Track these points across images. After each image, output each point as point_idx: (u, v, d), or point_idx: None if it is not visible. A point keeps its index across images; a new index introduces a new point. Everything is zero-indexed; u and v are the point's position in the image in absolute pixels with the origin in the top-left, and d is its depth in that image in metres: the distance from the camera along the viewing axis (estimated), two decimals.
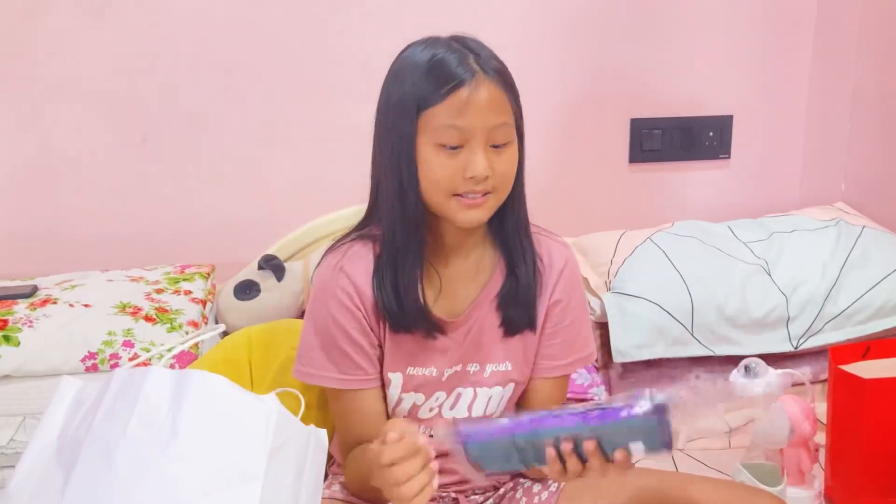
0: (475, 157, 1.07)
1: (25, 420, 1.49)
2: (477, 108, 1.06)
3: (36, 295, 1.63)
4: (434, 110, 1.07)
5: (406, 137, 1.08)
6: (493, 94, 1.08)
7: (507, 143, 1.10)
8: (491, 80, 1.08)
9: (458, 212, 1.09)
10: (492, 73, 1.09)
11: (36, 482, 0.84)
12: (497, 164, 1.08)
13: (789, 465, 1.40)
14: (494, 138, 1.08)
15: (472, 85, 1.06)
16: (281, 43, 1.86)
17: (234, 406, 0.85)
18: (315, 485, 0.92)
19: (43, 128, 1.83)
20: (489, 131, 1.07)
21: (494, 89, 1.08)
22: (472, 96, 1.06)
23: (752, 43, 2.05)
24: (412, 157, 1.09)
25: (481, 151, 1.07)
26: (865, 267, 1.68)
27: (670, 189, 2.10)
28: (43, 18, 1.77)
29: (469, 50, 1.10)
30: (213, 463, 0.82)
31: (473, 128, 1.06)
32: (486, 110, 1.07)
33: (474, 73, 1.07)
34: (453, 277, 1.17)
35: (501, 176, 1.09)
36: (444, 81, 1.06)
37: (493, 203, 1.11)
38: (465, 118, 1.06)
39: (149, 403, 0.83)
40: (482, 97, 1.07)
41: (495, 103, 1.08)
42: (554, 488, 1.21)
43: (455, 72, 1.07)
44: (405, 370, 1.17)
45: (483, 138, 1.07)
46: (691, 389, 0.94)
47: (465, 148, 1.07)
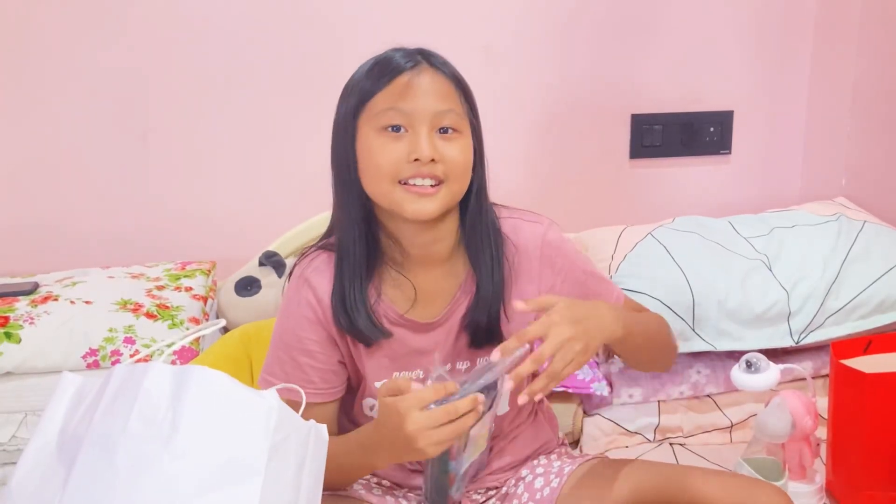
0: (419, 139, 1.05)
1: (27, 417, 1.50)
2: (419, 92, 1.06)
3: (37, 292, 1.63)
4: (376, 98, 1.07)
5: (349, 132, 1.09)
6: (437, 81, 1.07)
7: (456, 130, 1.08)
8: (436, 70, 1.08)
9: (405, 202, 1.07)
10: (438, 64, 1.09)
11: (37, 479, 0.84)
12: (446, 150, 1.07)
13: (791, 459, 1.40)
14: (440, 122, 1.07)
15: (415, 71, 1.07)
16: (281, 40, 1.86)
17: (234, 402, 0.85)
18: (316, 479, 0.92)
19: (43, 125, 1.83)
20: (433, 116, 1.06)
21: (439, 77, 1.08)
22: (413, 81, 1.06)
23: (753, 38, 2.05)
24: (353, 151, 1.08)
25: (426, 134, 1.06)
26: (866, 262, 1.68)
27: (671, 184, 2.10)
28: (43, 16, 1.77)
29: (419, 52, 1.10)
30: (214, 458, 0.82)
31: (416, 110, 1.06)
32: (429, 94, 1.06)
33: (417, 63, 1.07)
34: (428, 283, 1.15)
35: (451, 163, 1.07)
36: (387, 71, 1.07)
37: (445, 195, 1.08)
38: (406, 101, 1.06)
39: (149, 399, 0.83)
40: (425, 82, 1.07)
41: (439, 89, 1.07)
42: (556, 484, 1.21)
43: (397, 62, 1.07)
44: (391, 376, 1.16)
45: (427, 122, 1.06)
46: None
47: (409, 132, 1.06)
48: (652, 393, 1.65)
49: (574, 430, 1.62)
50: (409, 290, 1.15)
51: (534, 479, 1.23)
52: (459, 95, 1.09)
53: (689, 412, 1.66)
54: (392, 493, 1.22)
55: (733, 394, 1.65)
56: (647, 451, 1.61)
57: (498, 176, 1.22)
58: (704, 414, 1.66)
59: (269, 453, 0.84)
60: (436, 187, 1.07)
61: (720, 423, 1.66)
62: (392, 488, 1.24)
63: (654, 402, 1.65)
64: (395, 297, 1.15)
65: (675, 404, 1.66)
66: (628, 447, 1.62)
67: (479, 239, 1.14)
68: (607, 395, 1.61)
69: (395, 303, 1.15)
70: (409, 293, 1.15)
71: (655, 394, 1.65)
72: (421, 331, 1.15)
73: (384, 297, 1.14)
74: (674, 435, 1.65)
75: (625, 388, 1.64)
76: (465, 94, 1.10)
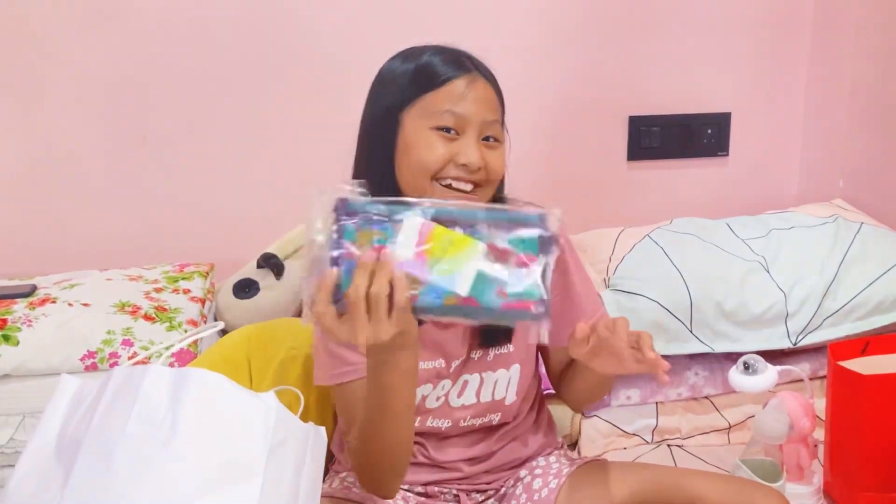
0: (470, 146, 1.10)
1: (25, 419, 1.49)
2: (474, 100, 1.11)
3: (35, 294, 1.63)
4: (432, 96, 1.10)
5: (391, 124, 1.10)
6: (487, 92, 1.13)
7: (497, 140, 1.14)
8: (485, 79, 1.13)
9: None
10: (485, 73, 1.14)
11: (35, 481, 0.84)
12: (489, 158, 1.12)
13: (788, 461, 1.41)
14: (487, 132, 1.12)
15: (470, 78, 1.12)
16: (279, 42, 1.86)
17: (233, 403, 0.85)
18: (314, 481, 0.92)
19: (42, 127, 1.83)
20: (482, 125, 1.11)
21: (488, 88, 1.13)
22: (469, 87, 1.11)
23: (751, 40, 2.05)
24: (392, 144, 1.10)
25: (475, 142, 1.11)
26: (864, 263, 1.68)
27: (669, 186, 2.10)
28: (41, 19, 1.77)
29: (468, 56, 1.15)
30: (213, 460, 0.82)
31: (470, 117, 1.10)
32: (481, 103, 1.11)
33: (471, 69, 1.13)
34: None
35: (493, 171, 1.13)
36: (441, 71, 1.11)
37: (480, 199, 1.13)
38: (462, 106, 1.10)
39: (148, 401, 0.83)
40: (479, 90, 1.12)
41: (489, 100, 1.13)
42: (554, 485, 1.21)
43: (450, 64, 1.12)
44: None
45: (477, 130, 1.11)
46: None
47: (459, 136, 1.10)
48: (650, 394, 1.65)
49: (572, 431, 1.62)
50: None
51: (532, 480, 1.23)
52: (500, 106, 1.16)
53: (687, 413, 1.66)
54: None
55: (731, 395, 1.66)
56: (645, 452, 1.61)
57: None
58: (702, 415, 1.66)
59: (268, 455, 0.84)
60: (475, 190, 1.12)
61: (718, 424, 1.66)
62: None
63: (651, 403, 1.66)
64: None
65: (673, 406, 1.66)
66: (626, 449, 1.62)
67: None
68: (605, 398, 1.62)
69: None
70: None
71: (653, 395, 1.65)
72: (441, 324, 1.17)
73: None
74: (672, 436, 1.65)
75: (623, 390, 1.64)
76: (502, 104, 1.17)
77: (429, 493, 1.25)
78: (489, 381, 1.21)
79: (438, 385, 1.20)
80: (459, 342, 1.19)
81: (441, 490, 1.25)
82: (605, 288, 1.65)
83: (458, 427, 1.22)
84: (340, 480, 1.25)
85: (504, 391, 1.22)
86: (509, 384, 1.22)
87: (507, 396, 1.22)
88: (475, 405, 1.21)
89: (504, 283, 0.90)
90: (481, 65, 1.15)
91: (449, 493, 1.25)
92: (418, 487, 1.25)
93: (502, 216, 0.92)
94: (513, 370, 1.22)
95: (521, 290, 0.90)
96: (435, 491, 1.25)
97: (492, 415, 1.23)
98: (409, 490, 1.25)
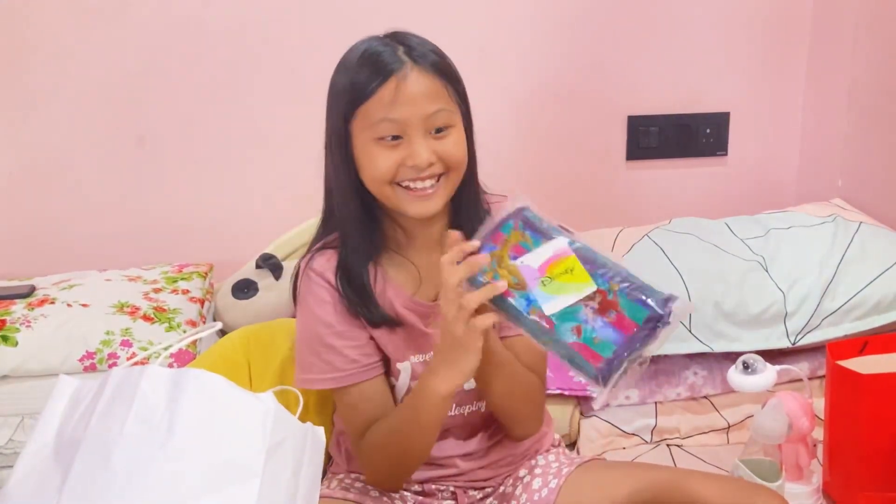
0: (415, 147, 1.08)
1: (24, 420, 1.49)
2: (408, 98, 1.07)
3: (34, 295, 1.63)
4: (366, 106, 1.08)
5: (343, 136, 1.10)
6: (424, 82, 1.08)
7: (449, 126, 1.10)
8: (421, 69, 1.08)
9: (406, 203, 1.11)
10: (421, 61, 1.08)
11: (34, 482, 0.84)
12: (441, 148, 1.09)
13: (787, 460, 1.40)
14: (433, 124, 1.08)
15: (401, 75, 1.07)
16: (276, 42, 1.86)
17: (231, 404, 0.85)
18: (313, 482, 0.92)
19: (39, 128, 1.83)
20: (424, 119, 1.08)
21: (425, 77, 1.08)
22: (401, 86, 1.07)
23: (749, 40, 2.05)
24: (350, 155, 1.10)
25: (421, 140, 1.08)
26: (862, 263, 1.68)
27: (667, 186, 2.10)
28: (38, 18, 1.77)
29: (399, 42, 1.10)
30: (211, 460, 0.82)
31: (408, 118, 1.07)
32: (417, 98, 1.07)
33: (402, 64, 1.07)
34: (431, 266, 1.17)
35: (449, 159, 1.10)
36: (373, 76, 1.07)
37: (445, 189, 1.11)
38: (397, 109, 1.07)
39: (146, 402, 0.83)
40: (412, 87, 1.07)
41: (426, 91, 1.08)
42: (554, 485, 1.21)
43: (382, 64, 1.08)
44: (410, 359, 1.19)
45: (420, 127, 1.08)
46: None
47: (403, 139, 1.08)
48: (649, 394, 1.65)
49: (571, 431, 1.62)
50: (412, 271, 1.18)
51: (532, 480, 1.23)
52: (445, 87, 1.10)
53: (686, 413, 1.66)
54: (388, 494, 1.23)
55: (730, 395, 1.66)
56: (644, 452, 1.61)
57: (493, 177, 1.23)
58: (701, 415, 1.66)
59: (267, 456, 0.84)
60: (435, 186, 1.10)
61: (717, 424, 1.66)
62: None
63: (651, 403, 1.66)
64: (402, 281, 1.18)
65: (672, 405, 1.66)
66: (625, 448, 1.62)
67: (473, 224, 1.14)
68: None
69: (404, 286, 1.18)
70: (414, 274, 1.18)
71: (652, 395, 1.65)
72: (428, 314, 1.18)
73: (392, 282, 1.17)
74: (671, 436, 1.65)
75: (621, 390, 1.64)
76: (449, 79, 1.11)
77: (426, 490, 1.25)
78: None
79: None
80: None
81: (438, 487, 1.25)
82: None
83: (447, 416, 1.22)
84: (338, 482, 1.25)
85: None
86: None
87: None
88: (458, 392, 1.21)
89: (587, 327, 0.93)
90: (413, 49, 1.09)
91: (446, 490, 1.25)
92: (415, 486, 1.25)
93: (635, 280, 0.96)
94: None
95: (598, 341, 0.93)
96: (432, 489, 1.25)
97: (479, 402, 1.23)
98: (407, 489, 1.25)
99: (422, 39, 1.12)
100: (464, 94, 1.13)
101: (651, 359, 1.63)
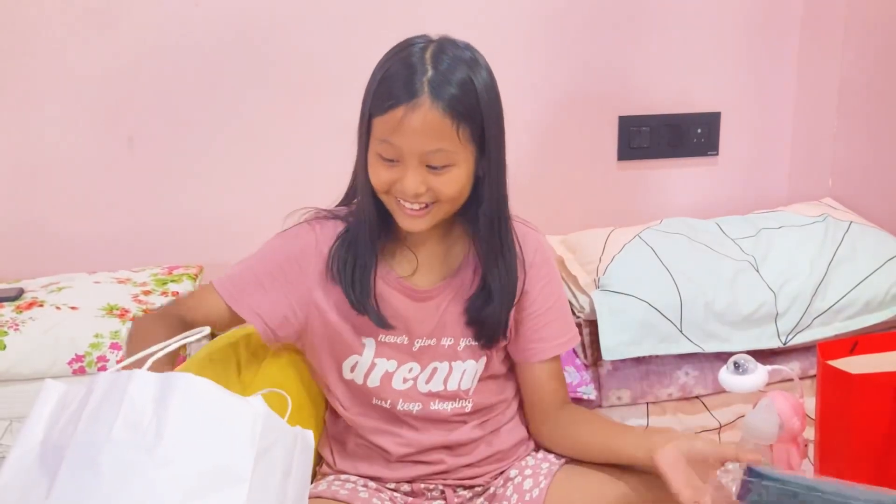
0: (406, 177, 1.10)
1: (11, 424, 1.49)
2: (409, 131, 1.07)
3: (22, 298, 1.62)
4: (377, 121, 1.10)
5: (361, 139, 1.14)
6: (430, 120, 1.06)
7: (447, 165, 1.10)
8: (433, 105, 1.06)
9: (398, 215, 1.15)
10: (437, 97, 1.06)
11: (19, 488, 0.83)
12: (434, 183, 1.11)
13: (779, 460, 1.40)
14: (429, 161, 1.09)
15: (410, 106, 1.06)
16: (269, 44, 1.86)
17: (220, 409, 0.85)
18: (302, 485, 0.92)
19: (29, 129, 1.82)
20: (420, 155, 1.09)
21: (433, 115, 1.06)
22: (406, 118, 1.06)
23: (740, 40, 2.06)
24: (364, 158, 1.14)
25: (412, 171, 1.09)
26: (853, 262, 1.69)
27: (658, 186, 2.10)
28: (29, 20, 1.76)
29: (429, 66, 1.08)
30: (200, 465, 0.81)
31: (404, 147, 1.08)
32: (418, 134, 1.07)
33: (415, 95, 1.06)
34: (429, 256, 1.23)
35: (440, 193, 1.11)
36: (387, 96, 1.08)
37: (436, 213, 1.14)
38: (397, 137, 1.08)
39: (134, 406, 0.82)
40: (416, 121, 1.06)
41: (430, 129, 1.07)
42: (544, 485, 1.21)
43: (399, 89, 1.07)
44: (377, 336, 1.21)
45: (415, 159, 1.09)
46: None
47: (400, 163, 1.10)
48: (640, 395, 1.65)
49: None
50: (411, 257, 1.22)
51: (522, 480, 1.24)
52: (455, 127, 1.08)
53: (677, 413, 1.66)
54: (378, 496, 1.22)
55: (721, 395, 1.66)
56: None
57: None
58: (693, 415, 1.66)
59: (255, 460, 0.83)
60: (425, 210, 1.13)
61: (708, 424, 1.66)
62: (378, 490, 1.24)
63: (642, 403, 1.66)
64: (395, 264, 1.22)
65: (664, 406, 1.66)
66: None
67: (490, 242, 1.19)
68: (595, 399, 1.62)
69: (396, 269, 1.22)
70: (412, 260, 1.22)
71: (644, 396, 1.65)
72: (414, 298, 1.21)
73: (385, 265, 1.21)
74: None
75: (613, 391, 1.64)
76: (466, 119, 1.08)
77: (415, 490, 1.25)
78: (457, 371, 1.24)
79: (404, 366, 1.22)
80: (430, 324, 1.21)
81: (427, 486, 1.25)
82: (594, 288, 1.65)
83: (429, 410, 1.23)
84: (328, 483, 1.25)
85: (470, 381, 1.25)
86: (476, 375, 1.25)
87: (473, 387, 1.25)
88: (442, 392, 1.24)
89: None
90: (440, 80, 1.06)
91: (435, 489, 1.25)
92: (405, 486, 1.25)
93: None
94: (480, 362, 1.24)
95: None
96: (421, 488, 1.25)
97: (463, 401, 1.25)
98: (396, 490, 1.25)
99: (455, 64, 1.08)
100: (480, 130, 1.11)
101: (642, 359, 1.65)
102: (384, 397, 1.23)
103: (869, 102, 1.90)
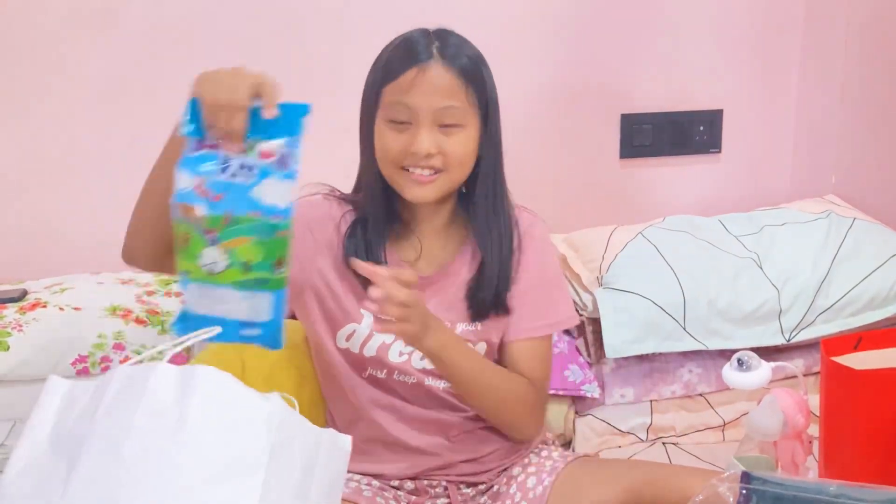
0: (419, 135, 1.13)
1: (16, 425, 1.49)
2: (423, 88, 1.13)
3: (25, 299, 1.62)
4: (389, 87, 1.15)
5: (369, 114, 1.17)
6: (444, 77, 1.14)
7: (457, 125, 1.15)
8: (445, 65, 1.14)
9: (405, 186, 1.17)
10: (449, 58, 1.15)
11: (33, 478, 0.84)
12: (445, 145, 1.14)
13: (783, 457, 1.40)
14: (442, 119, 1.14)
15: (423, 66, 1.13)
16: (270, 41, 1.86)
17: (239, 400, 0.86)
18: (330, 487, 0.92)
19: (31, 130, 1.82)
20: (434, 113, 1.14)
21: (446, 73, 1.14)
22: (419, 76, 1.13)
23: (742, 37, 2.05)
24: (371, 132, 1.17)
25: (426, 130, 1.14)
26: (856, 259, 1.69)
27: (661, 184, 2.10)
28: (30, 20, 1.76)
29: (438, 38, 1.16)
30: (220, 452, 0.83)
31: (418, 106, 1.13)
32: (432, 91, 1.13)
33: (430, 56, 1.14)
34: (431, 242, 1.25)
35: (450, 156, 1.15)
36: (401, 61, 1.14)
37: (443, 183, 1.17)
38: (411, 96, 1.13)
39: (156, 396, 0.84)
40: (431, 78, 1.13)
41: (443, 86, 1.14)
42: (548, 482, 1.21)
43: (412, 52, 1.14)
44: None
45: (429, 118, 1.14)
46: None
47: (412, 125, 1.14)
48: (644, 392, 1.65)
49: (566, 430, 1.62)
50: (416, 243, 1.24)
51: (526, 479, 1.23)
52: (465, 88, 1.15)
53: (681, 411, 1.66)
54: (382, 494, 1.22)
55: (725, 392, 1.66)
56: (639, 450, 1.61)
57: None
58: (697, 413, 1.66)
59: (271, 451, 0.84)
60: (434, 176, 1.16)
61: (712, 421, 1.66)
62: (382, 489, 1.24)
63: (646, 401, 1.65)
64: (399, 249, 1.24)
65: (668, 403, 1.66)
66: (621, 447, 1.62)
67: (488, 223, 1.21)
68: (598, 397, 1.61)
69: (400, 254, 1.24)
70: (416, 246, 1.24)
71: (647, 393, 1.65)
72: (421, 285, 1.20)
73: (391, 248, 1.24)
74: (666, 434, 1.65)
75: (617, 388, 1.64)
76: (475, 84, 1.16)
77: (418, 488, 1.25)
78: None
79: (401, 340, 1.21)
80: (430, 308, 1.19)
81: (430, 484, 1.25)
82: (598, 286, 1.65)
83: (423, 385, 1.23)
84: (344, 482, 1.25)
85: None
86: None
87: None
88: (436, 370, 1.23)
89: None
90: (448, 47, 1.15)
91: (438, 485, 1.25)
92: (408, 483, 1.25)
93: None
94: (480, 347, 1.24)
95: None
96: (424, 485, 1.25)
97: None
98: (400, 488, 1.25)
99: (463, 42, 1.18)
100: (486, 100, 1.18)
101: (646, 357, 1.65)
102: (380, 367, 1.23)
103: (872, 99, 1.89)
